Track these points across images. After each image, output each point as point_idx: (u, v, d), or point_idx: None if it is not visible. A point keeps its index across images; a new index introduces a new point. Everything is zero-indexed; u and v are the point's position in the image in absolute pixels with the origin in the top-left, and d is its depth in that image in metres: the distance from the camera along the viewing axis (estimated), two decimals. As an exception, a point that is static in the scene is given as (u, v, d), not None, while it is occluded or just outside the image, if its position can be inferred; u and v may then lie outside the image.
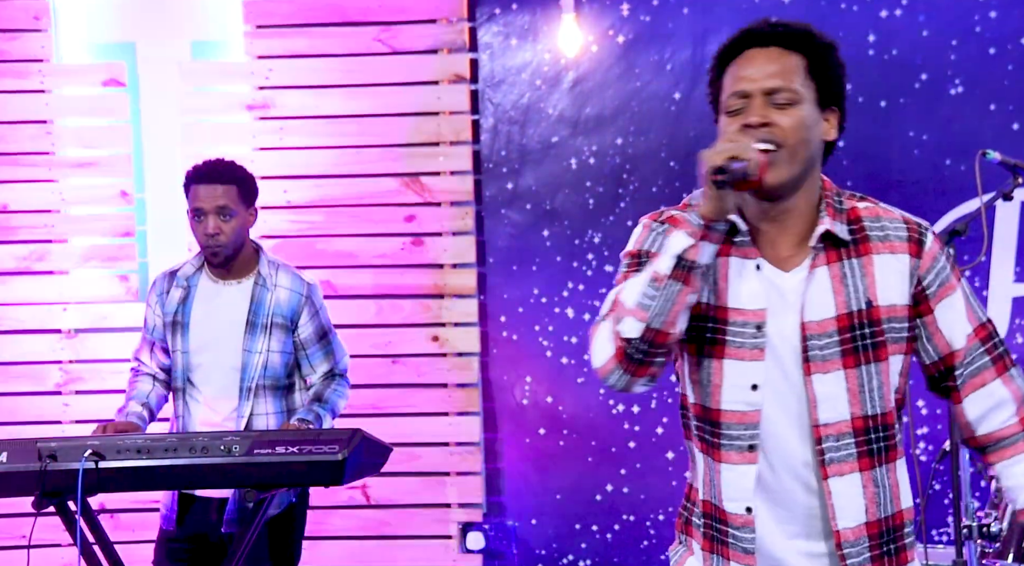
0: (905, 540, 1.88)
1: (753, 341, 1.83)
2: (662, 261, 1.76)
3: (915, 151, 4.31)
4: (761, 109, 1.81)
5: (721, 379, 1.85)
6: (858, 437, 1.82)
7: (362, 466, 2.92)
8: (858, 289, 1.83)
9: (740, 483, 1.85)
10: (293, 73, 4.51)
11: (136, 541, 4.04)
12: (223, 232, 3.28)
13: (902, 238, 1.87)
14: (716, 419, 1.86)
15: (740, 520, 1.86)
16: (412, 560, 4.46)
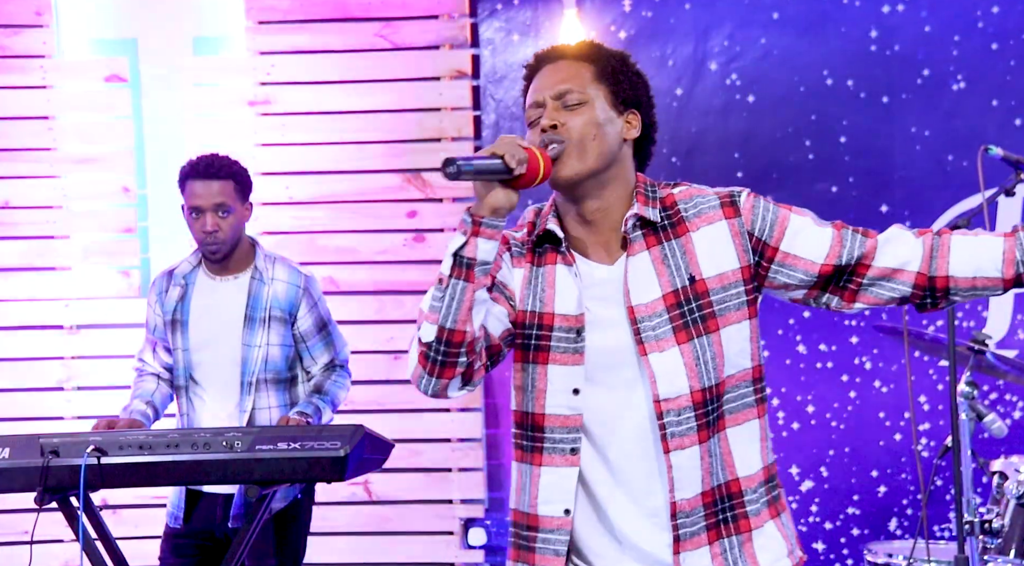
0: (746, 507, 1.92)
1: (573, 346, 1.89)
2: (444, 262, 1.83)
3: (917, 146, 4.31)
4: (552, 113, 1.90)
5: (545, 384, 1.91)
6: (697, 410, 1.88)
7: (364, 462, 2.92)
8: (680, 267, 1.91)
9: (560, 485, 1.90)
10: (295, 69, 4.51)
11: (138, 537, 4.04)
12: (221, 229, 3.29)
13: (715, 207, 1.94)
14: (539, 423, 1.92)
15: (556, 522, 1.91)
16: (414, 556, 4.46)
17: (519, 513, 1.96)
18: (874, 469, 4.35)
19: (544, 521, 1.92)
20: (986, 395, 4.22)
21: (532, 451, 1.93)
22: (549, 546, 1.91)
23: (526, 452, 1.95)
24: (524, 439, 1.95)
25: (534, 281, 1.93)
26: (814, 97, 4.36)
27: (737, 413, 1.92)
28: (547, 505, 1.91)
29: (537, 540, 1.93)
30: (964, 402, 3.23)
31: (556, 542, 1.91)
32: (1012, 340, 4.26)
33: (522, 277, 1.95)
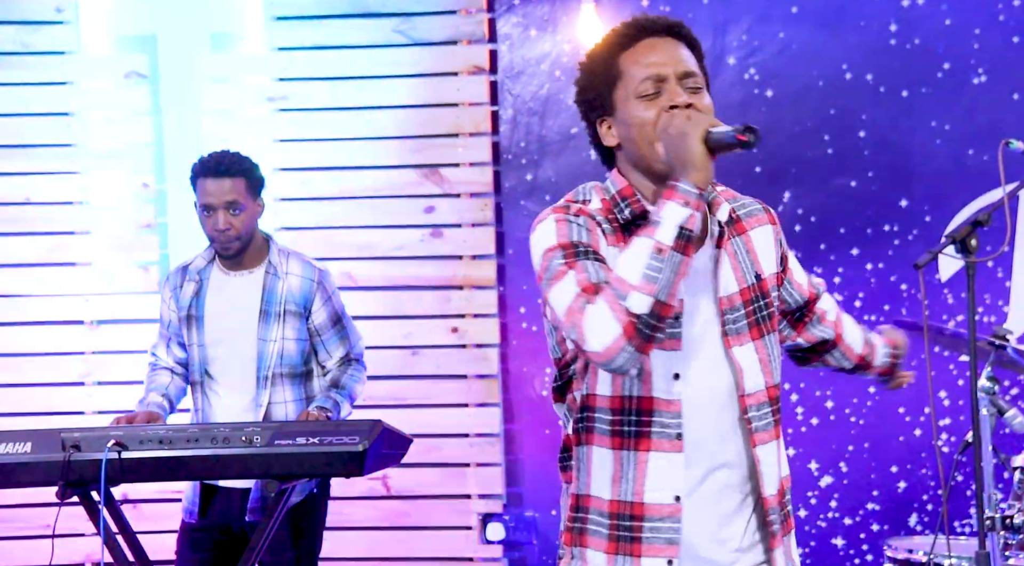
0: (788, 507, 1.96)
1: (671, 331, 1.85)
2: (664, 232, 1.75)
3: (937, 141, 4.28)
4: (682, 91, 1.86)
5: (650, 367, 1.86)
6: (772, 406, 1.91)
7: (382, 457, 2.93)
8: (747, 263, 1.92)
9: (669, 472, 1.86)
10: (312, 65, 4.52)
11: (158, 531, 4.06)
12: (233, 227, 3.30)
13: (760, 211, 1.99)
14: (647, 407, 1.86)
15: (667, 510, 1.86)
16: (432, 551, 4.47)
17: (618, 503, 1.88)
18: (894, 465, 4.34)
19: (651, 509, 1.86)
20: (1007, 390, 4.20)
21: (637, 436, 1.87)
22: (659, 535, 1.86)
23: (627, 438, 1.87)
24: (626, 424, 1.87)
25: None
26: (833, 91, 4.34)
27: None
28: (656, 492, 1.85)
29: (644, 530, 1.86)
30: (985, 397, 3.21)
31: (667, 530, 1.85)
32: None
33: (615, 256, 1.85)
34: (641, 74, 1.87)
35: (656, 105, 1.85)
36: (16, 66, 4.50)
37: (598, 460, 1.90)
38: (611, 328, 1.73)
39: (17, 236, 4.52)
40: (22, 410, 4.42)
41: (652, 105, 1.86)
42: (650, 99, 1.86)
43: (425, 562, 4.47)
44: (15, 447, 2.83)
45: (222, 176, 3.30)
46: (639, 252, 1.75)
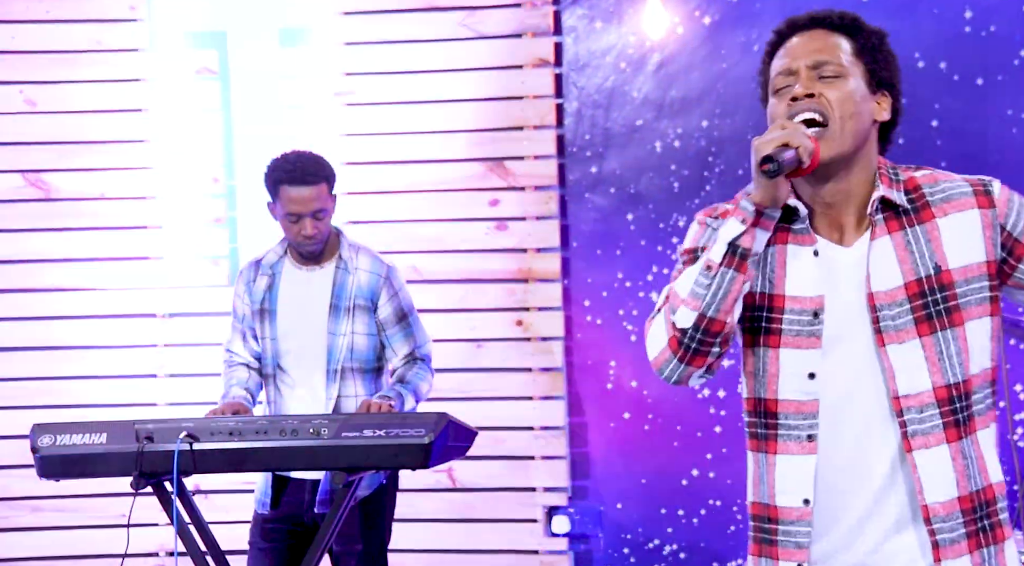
0: (1000, 515, 1.83)
1: (810, 329, 1.81)
2: (715, 249, 1.77)
3: (1013, 130, 4.19)
4: (807, 82, 1.81)
5: (777, 368, 1.83)
6: (943, 407, 1.78)
7: (448, 449, 2.95)
8: (924, 255, 1.81)
9: (797, 475, 1.82)
10: (379, 59, 4.54)
11: (229, 521, 4.13)
12: (319, 231, 3.34)
13: (967, 194, 1.84)
14: (773, 409, 1.84)
15: (796, 514, 1.83)
16: (497, 543, 4.49)
17: (758, 505, 1.89)
18: (967, 460, 4.25)
19: (784, 512, 1.84)
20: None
21: (767, 439, 1.86)
22: (791, 539, 1.83)
23: (760, 440, 1.88)
24: (758, 427, 1.88)
25: (763, 261, 1.84)
26: (905, 80, 4.17)
27: (985, 415, 1.84)
28: (785, 495, 1.84)
29: (779, 533, 1.85)
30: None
31: (798, 534, 1.82)
32: (1113, 329, 4.12)
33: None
34: (775, 70, 1.87)
35: (785, 98, 1.83)
36: (90, 64, 4.60)
37: (749, 462, 1.92)
38: (660, 340, 1.81)
39: (91, 231, 4.61)
40: (96, 402, 4.52)
41: (782, 99, 1.84)
42: (782, 94, 1.85)
43: (490, 554, 4.48)
44: (91, 438, 2.89)
45: (308, 185, 3.31)
46: (695, 267, 1.78)
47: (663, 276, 4.41)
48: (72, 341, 4.60)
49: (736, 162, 4.36)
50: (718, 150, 4.37)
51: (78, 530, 4.55)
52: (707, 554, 4.40)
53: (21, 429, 3.32)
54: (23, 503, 4.56)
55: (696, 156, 4.38)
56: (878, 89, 1.86)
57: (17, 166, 4.61)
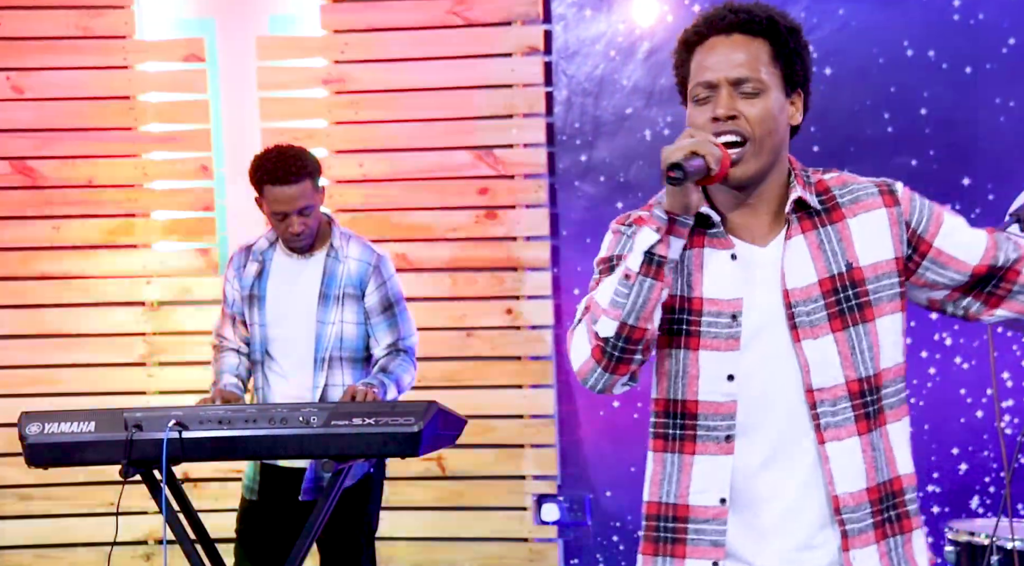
0: (907, 507, 1.87)
1: (728, 330, 1.83)
2: (632, 258, 1.79)
3: (1001, 118, 4.19)
4: (727, 100, 1.82)
5: (697, 370, 1.84)
6: (854, 400, 1.82)
7: (437, 438, 2.95)
8: (836, 253, 1.84)
9: (716, 474, 1.83)
10: (368, 47, 4.53)
11: (218, 510, 4.13)
12: (307, 226, 3.33)
13: (873, 194, 1.88)
14: (692, 411, 1.85)
15: (712, 512, 1.84)
16: (487, 531, 4.50)
17: (660, 505, 1.88)
18: (955, 447, 4.27)
19: (697, 511, 1.85)
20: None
21: (682, 439, 1.86)
22: (704, 537, 1.85)
23: (671, 441, 1.88)
24: (671, 427, 1.88)
25: (680, 264, 1.86)
26: (894, 69, 4.26)
27: (896, 409, 1.87)
28: (701, 495, 1.85)
29: (688, 531, 1.85)
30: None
31: (713, 533, 1.84)
32: (1100, 317, 4.14)
33: None
34: (696, 78, 1.86)
35: (704, 113, 1.84)
36: (76, 51, 4.57)
37: (650, 462, 1.91)
38: (583, 351, 1.83)
39: (79, 219, 4.60)
40: (84, 390, 4.51)
41: (703, 112, 1.85)
42: (701, 105, 1.85)
43: (480, 542, 4.49)
44: (79, 426, 2.88)
45: (292, 184, 3.29)
46: (614, 277, 1.81)
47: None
48: (60, 329, 4.59)
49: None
50: (708, 138, 4.37)
51: (67, 518, 4.55)
52: (696, 541, 4.42)
53: (9, 417, 3.31)
54: (11, 491, 4.56)
55: (686, 144, 4.37)
56: (793, 91, 1.88)
57: (3, 153, 4.59)
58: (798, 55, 1.88)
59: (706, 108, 1.84)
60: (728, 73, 1.83)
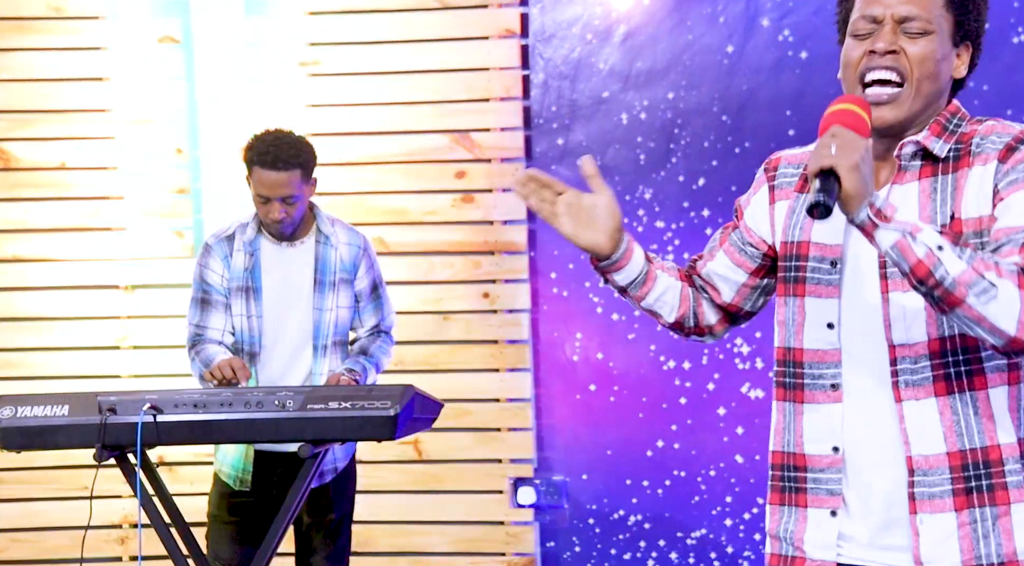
0: (1008, 478, 1.74)
1: (828, 278, 1.81)
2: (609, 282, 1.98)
3: (975, 101, 4.17)
4: (890, 35, 1.76)
5: (803, 317, 1.83)
6: (934, 360, 1.75)
7: (414, 421, 2.95)
8: (945, 203, 1.75)
9: (826, 423, 1.81)
10: (345, 29, 4.51)
11: (194, 493, 4.12)
12: (288, 215, 3.31)
13: (998, 146, 1.75)
14: (799, 359, 1.84)
15: (826, 461, 1.82)
16: (463, 514, 4.50)
17: (782, 454, 1.87)
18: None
19: (813, 460, 1.82)
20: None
21: (795, 388, 1.85)
22: (822, 486, 1.82)
23: (788, 389, 1.86)
24: (786, 376, 1.86)
25: (799, 209, 1.85)
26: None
27: (994, 374, 1.76)
28: (814, 443, 1.82)
29: (808, 481, 1.83)
30: None
31: (829, 481, 1.81)
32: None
33: (787, 208, 1.90)
34: (861, 11, 1.81)
35: (862, 46, 1.79)
36: (50, 31, 4.52)
37: (773, 411, 1.91)
38: None
39: (53, 201, 4.56)
40: (58, 374, 4.48)
41: (860, 45, 1.80)
42: (861, 39, 1.80)
43: (456, 526, 4.50)
44: (52, 410, 2.87)
45: (280, 170, 3.27)
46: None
47: (629, 248, 4.42)
48: (34, 313, 4.55)
49: (702, 134, 4.37)
50: (684, 122, 4.38)
51: (40, 502, 4.52)
52: (671, 524, 4.45)
53: (-18, 401, 3.28)
54: (-15, 476, 4.53)
55: (662, 128, 4.38)
56: (961, 42, 1.81)
57: (-24, 135, 4.54)
58: (974, 6, 1.82)
59: (865, 42, 1.79)
60: (897, 8, 1.77)
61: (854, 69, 1.80)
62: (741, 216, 1.98)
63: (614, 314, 4.44)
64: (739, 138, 4.32)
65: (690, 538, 4.43)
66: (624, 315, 4.43)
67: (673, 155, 4.39)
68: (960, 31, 1.80)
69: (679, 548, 4.44)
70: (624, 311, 4.44)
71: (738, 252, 1.97)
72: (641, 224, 4.42)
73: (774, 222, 1.92)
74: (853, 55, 1.79)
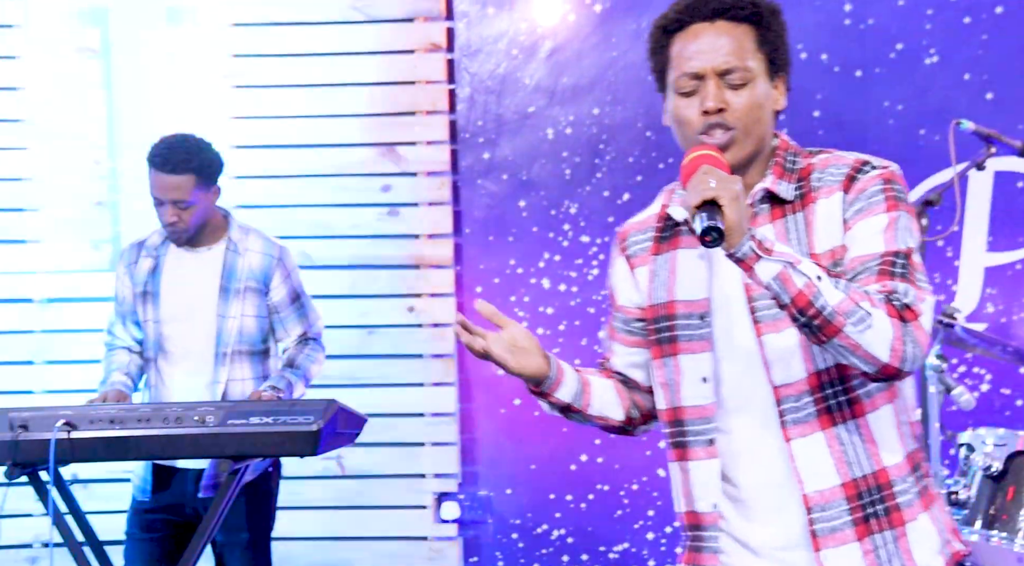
0: (898, 499, 1.78)
1: (699, 332, 1.82)
2: (543, 405, 1.97)
3: (890, 121, 4.32)
4: (716, 91, 1.78)
5: (680, 376, 1.84)
6: (815, 394, 1.77)
7: (337, 436, 2.93)
8: (800, 241, 1.78)
9: (706, 480, 1.84)
10: (269, 41, 4.47)
11: (109, 511, 4.02)
12: (181, 219, 3.27)
13: (839, 178, 1.80)
14: (683, 417, 1.86)
15: (709, 519, 1.84)
16: (387, 530, 4.47)
17: (683, 514, 1.90)
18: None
19: (703, 518, 1.85)
20: (955, 368, 4.26)
21: (682, 447, 1.87)
22: (710, 544, 1.85)
23: (676, 449, 1.89)
24: (675, 436, 1.88)
25: (659, 271, 1.87)
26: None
27: (872, 397, 1.78)
28: (701, 501, 1.85)
29: (703, 539, 1.86)
30: (934, 375, 3.26)
31: (709, 539, 1.84)
32: (981, 314, 4.30)
33: (647, 272, 1.91)
34: (680, 68, 1.81)
35: (693, 105, 1.80)
36: (-37, 39, 4.42)
37: (671, 473, 1.93)
38: None
39: (-35, 213, 4.44)
40: (-29, 390, 4.36)
41: (691, 104, 1.80)
42: (687, 96, 1.81)
43: (380, 541, 4.47)
44: (-38, 426, 2.79)
45: (171, 172, 3.24)
46: None
47: (554, 263, 4.45)
48: (-56, 327, 4.43)
49: (627, 150, 4.41)
50: (609, 137, 4.41)
51: (-50, 523, 4.39)
52: (594, 539, 4.46)
53: None
54: None
55: (587, 143, 4.41)
56: (776, 75, 1.85)
57: None
58: (780, 38, 1.85)
59: (694, 100, 1.80)
60: (715, 63, 1.79)
61: (693, 130, 1.81)
62: (615, 300, 1.99)
63: (539, 329, 4.45)
64: (664, 154, 4.36)
65: (612, 552, 4.45)
66: (548, 330, 4.45)
67: (598, 170, 4.42)
68: (774, 66, 1.84)
69: (602, 562, 4.45)
70: (549, 326, 4.45)
71: (628, 335, 1.97)
72: (567, 239, 4.44)
73: (638, 290, 1.94)
74: (686, 114, 1.81)
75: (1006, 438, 3.37)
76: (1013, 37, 4.24)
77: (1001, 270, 4.28)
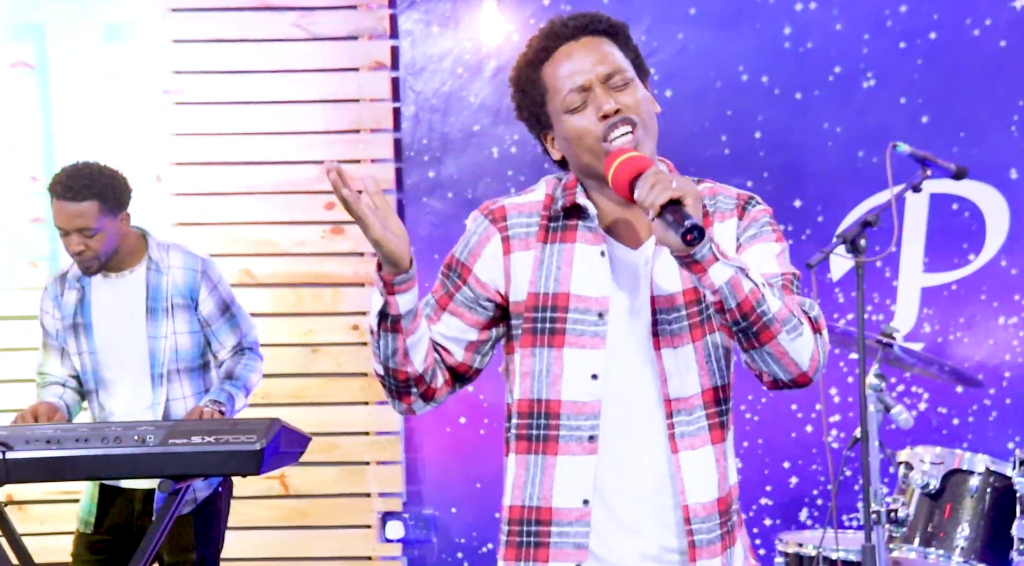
0: (734, 518, 1.87)
1: (594, 329, 1.82)
2: (370, 317, 1.82)
3: (829, 143, 4.40)
4: (606, 96, 1.81)
5: (561, 369, 1.83)
6: (708, 409, 1.82)
7: (280, 455, 2.90)
8: None
9: (579, 475, 1.82)
10: (211, 58, 4.44)
11: (46, 533, 3.95)
12: (88, 248, 3.19)
13: (731, 206, 1.88)
14: (555, 410, 1.84)
15: (575, 514, 1.82)
16: (331, 550, 4.43)
17: (522, 509, 1.85)
18: (786, 460, 4.43)
19: (560, 513, 1.82)
20: (893, 387, 4.33)
21: (545, 440, 1.83)
22: (568, 539, 1.82)
23: (534, 442, 1.84)
24: (533, 428, 1.84)
25: (548, 260, 1.84)
26: (730, 93, 4.42)
27: (730, 420, 1.86)
28: (564, 496, 1.82)
29: (552, 534, 1.83)
30: (873, 394, 3.31)
31: (576, 534, 1.81)
32: (918, 333, 4.38)
33: (532, 259, 1.86)
34: (564, 88, 1.83)
35: (589, 116, 1.82)
36: None
37: (511, 465, 1.88)
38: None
39: None
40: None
41: (586, 116, 1.82)
42: (579, 111, 1.83)
43: (324, 562, 4.43)
44: None
45: (72, 200, 3.15)
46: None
47: (498, 281, 4.45)
48: None
49: (570, 169, 4.43)
50: (553, 157, 4.44)
51: None
52: (540, 556, 4.46)
53: None
54: None
55: (532, 162, 4.43)
56: (644, 79, 1.89)
57: None
58: (636, 48, 1.90)
59: (587, 112, 1.82)
60: (596, 71, 1.82)
61: (595, 138, 1.81)
62: (471, 271, 1.90)
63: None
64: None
65: (559, 570, 4.45)
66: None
67: (542, 189, 4.44)
68: (640, 72, 1.88)
69: (548, 580, 4.45)
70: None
71: (469, 311, 1.89)
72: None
73: (510, 273, 1.87)
74: (584, 125, 1.82)
75: (943, 456, 3.44)
76: (947, 62, 4.34)
77: (937, 290, 4.37)
